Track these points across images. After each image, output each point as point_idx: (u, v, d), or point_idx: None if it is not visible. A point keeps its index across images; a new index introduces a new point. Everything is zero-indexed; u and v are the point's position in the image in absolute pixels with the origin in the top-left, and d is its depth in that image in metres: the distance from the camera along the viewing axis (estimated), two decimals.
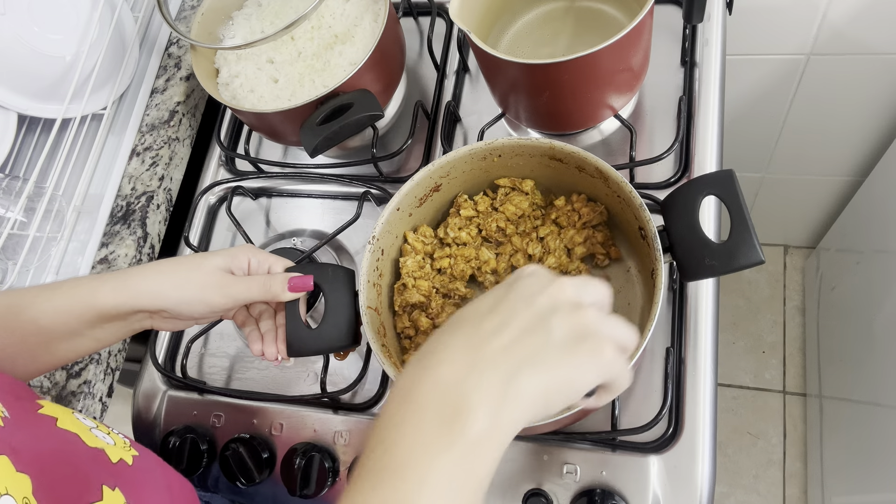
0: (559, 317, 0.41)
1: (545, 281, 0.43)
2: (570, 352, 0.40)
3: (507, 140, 0.63)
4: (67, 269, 0.77)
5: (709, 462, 0.63)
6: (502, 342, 0.40)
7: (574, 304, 0.42)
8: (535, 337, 0.40)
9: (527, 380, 0.39)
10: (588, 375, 0.41)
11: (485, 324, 0.41)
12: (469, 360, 0.39)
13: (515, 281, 0.44)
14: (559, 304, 0.42)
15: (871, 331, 1.16)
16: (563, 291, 0.42)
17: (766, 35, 1.05)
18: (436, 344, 0.42)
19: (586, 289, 0.44)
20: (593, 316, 0.42)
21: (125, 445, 0.51)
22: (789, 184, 1.43)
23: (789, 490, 1.50)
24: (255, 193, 0.85)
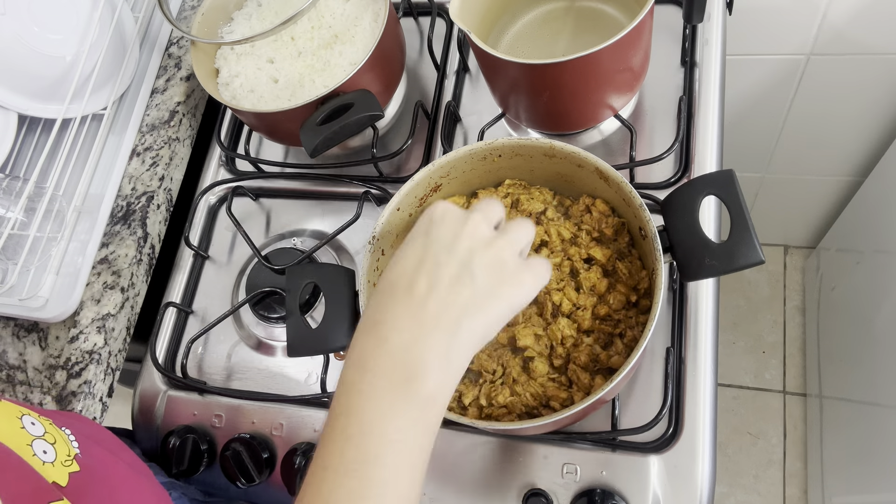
0: (478, 258, 0.46)
1: (458, 221, 0.47)
2: (496, 290, 0.46)
3: (508, 140, 0.63)
4: (68, 270, 0.77)
5: (709, 462, 0.63)
6: (437, 301, 0.44)
7: (488, 240, 0.47)
8: (462, 286, 0.45)
9: (467, 327, 0.44)
10: (516, 303, 0.47)
11: (416, 286, 0.45)
12: (413, 325, 0.44)
13: (431, 227, 0.48)
14: (476, 245, 0.46)
15: (871, 331, 1.16)
16: (477, 230, 0.47)
17: (766, 35, 1.05)
18: (379, 312, 0.45)
19: (492, 211, 0.49)
20: (504, 245, 0.47)
21: (68, 459, 0.50)
22: (789, 184, 1.43)
23: (789, 490, 1.50)
24: (256, 193, 0.85)
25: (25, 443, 0.47)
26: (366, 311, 0.47)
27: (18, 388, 0.75)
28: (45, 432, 0.50)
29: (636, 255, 0.63)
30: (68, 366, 0.74)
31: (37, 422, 0.50)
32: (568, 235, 0.66)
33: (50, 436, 0.50)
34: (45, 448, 0.48)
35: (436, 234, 0.47)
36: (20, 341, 0.77)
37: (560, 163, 0.64)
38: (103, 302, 0.77)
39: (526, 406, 0.59)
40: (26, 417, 0.50)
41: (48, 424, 0.51)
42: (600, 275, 0.63)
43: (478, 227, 0.47)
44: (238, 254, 0.83)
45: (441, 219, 0.48)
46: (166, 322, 0.80)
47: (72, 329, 0.76)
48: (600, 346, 0.62)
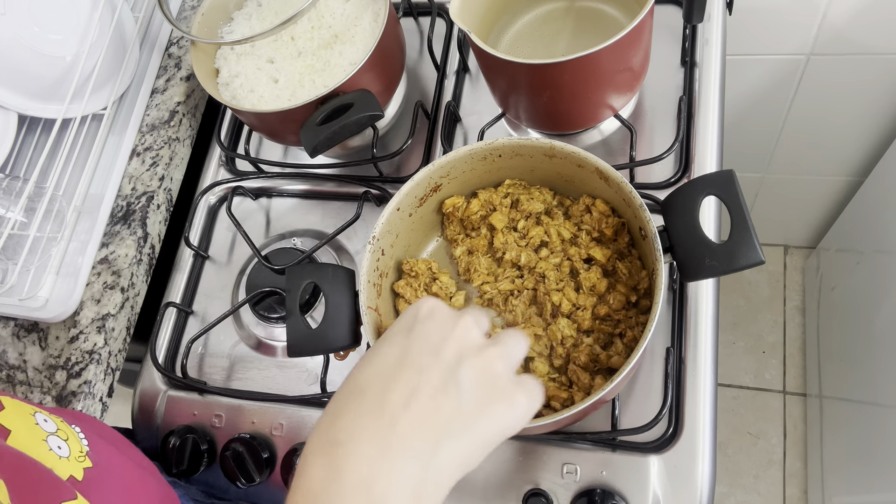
0: (467, 366, 0.39)
1: (447, 321, 0.42)
2: (486, 407, 0.39)
3: (508, 140, 0.63)
4: (68, 270, 0.77)
5: (709, 462, 0.63)
6: (412, 416, 0.37)
7: (480, 347, 0.41)
8: (446, 398, 0.38)
9: (447, 451, 0.37)
10: (507, 427, 0.40)
11: (390, 394, 0.38)
12: (379, 449, 0.36)
13: (415, 324, 0.42)
14: (466, 352, 0.40)
15: (871, 331, 1.16)
16: (468, 335, 0.41)
17: (766, 35, 1.05)
18: (338, 427, 0.37)
19: (482, 318, 0.43)
20: (497, 356, 0.41)
21: (81, 455, 0.49)
22: (789, 184, 1.43)
23: (789, 490, 1.50)
24: (256, 193, 0.85)
25: (41, 438, 0.47)
26: (322, 420, 0.39)
27: (18, 388, 0.75)
28: (57, 429, 0.50)
29: (636, 256, 0.63)
30: (68, 366, 0.74)
31: (49, 419, 0.50)
32: (568, 235, 0.66)
33: (62, 432, 0.50)
34: (59, 444, 0.48)
35: (420, 333, 0.41)
36: (20, 341, 0.77)
37: (560, 163, 0.64)
38: (103, 302, 0.77)
39: None
40: (39, 414, 0.50)
41: (59, 422, 0.51)
42: (600, 275, 0.63)
43: (469, 331, 0.41)
44: (238, 254, 0.83)
45: (427, 316, 0.42)
46: (166, 322, 0.80)
47: (72, 329, 0.76)
48: (600, 346, 0.62)
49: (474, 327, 0.42)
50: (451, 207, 0.68)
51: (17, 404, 0.49)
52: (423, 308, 0.43)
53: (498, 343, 0.42)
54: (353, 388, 0.39)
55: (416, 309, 0.43)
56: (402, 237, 0.67)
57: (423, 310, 0.43)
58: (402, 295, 0.66)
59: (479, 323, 0.43)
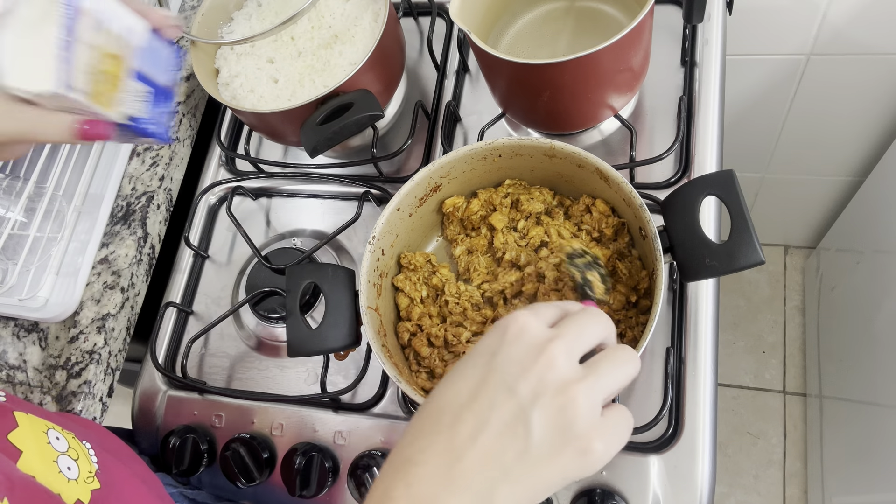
0: (542, 406, 0.37)
1: (533, 349, 0.39)
2: (553, 454, 0.37)
3: (508, 140, 0.63)
4: (67, 270, 0.77)
5: (709, 462, 0.63)
6: (477, 452, 0.37)
7: (562, 384, 0.38)
8: (514, 439, 0.37)
9: (502, 496, 0.37)
10: (572, 475, 0.38)
11: (461, 425, 0.38)
12: (443, 478, 0.37)
13: (501, 346, 0.40)
14: (544, 389, 0.38)
15: (871, 331, 1.16)
16: (551, 368, 0.38)
17: (766, 35, 1.05)
18: (414, 447, 0.39)
19: (585, 337, 0.40)
20: (582, 393, 0.38)
21: (90, 476, 0.50)
22: (789, 184, 1.43)
23: (789, 490, 1.50)
24: (255, 193, 0.85)
25: (52, 459, 0.48)
26: (404, 438, 0.40)
27: (18, 388, 0.75)
28: (68, 447, 0.50)
29: (636, 256, 0.64)
30: (68, 366, 0.74)
31: (61, 436, 0.50)
32: (568, 235, 0.66)
33: (73, 451, 0.50)
34: (69, 464, 0.48)
35: (502, 360, 0.39)
36: (20, 341, 0.77)
37: (560, 163, 0.64)
38: (103, 302, 0.77)
39: None
40: (52, 431, 0.50)
41: (71, 438, 0.51)
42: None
43: (554, 363, 0.38)
44: (238, 254, 0.83)
45: (515, 339, 0.40)
46: (166, 322, 0.80)
47: (72, 329, 0.76)
48: None
49: (562, 356, 0.38)
50: (451, 207, 0.68)
51: (32, 420, 0.49)
52: (513, 327, 0.40)
53: (589, 376, 0.39)
54: (432, 411, 0.40)
55: (506, 326, 0.40)
56: (402, 237, 0.67)
57: (511, 329, 0.40)
58: (401, 289, 0.66)
59: (577, 345, 0.40)
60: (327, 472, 0.68)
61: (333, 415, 0.72)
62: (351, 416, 0.71)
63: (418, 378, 0.64)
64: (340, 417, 0.71)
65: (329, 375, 0.72)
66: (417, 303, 0.66)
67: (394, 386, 0.72)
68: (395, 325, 0.66)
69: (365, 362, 0.71)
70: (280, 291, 0.77)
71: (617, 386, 0.39)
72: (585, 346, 0.40)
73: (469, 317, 0.65)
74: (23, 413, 0.49)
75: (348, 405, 0.72)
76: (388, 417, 0.71)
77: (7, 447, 0.46)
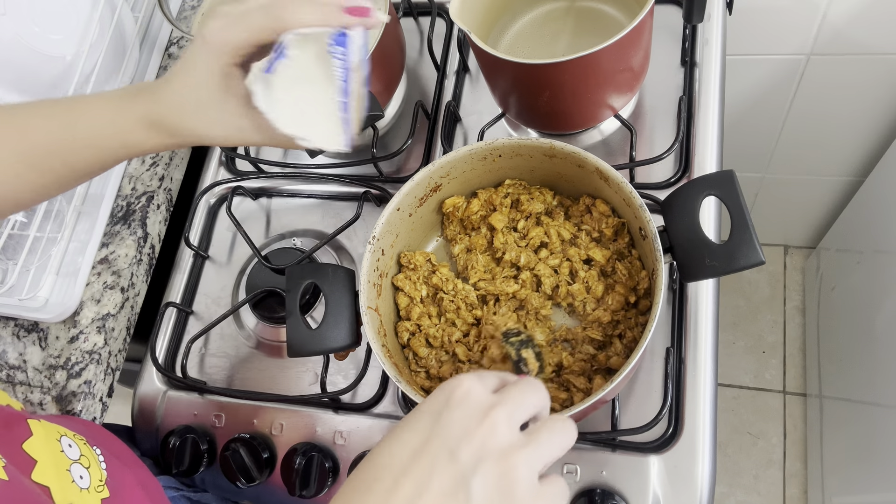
0: (483, 472, 0.37)
1: (477, 414, 0.39)
2: None
3: (508, 140, 0.63)
4: (67, 270, 0.77)
5: (709, 462, 0.63)
6: None
7: (503, 451, 0.38)
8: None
9: None
10: None
11: (399, 490, 0.37)
12: None
13: (444, 410, 0.40)
14: (486, 455, 0.38)
15: (871, 331, 1.16)
16: (494, 434, 0.38)
17: (766, 35, 1.05)
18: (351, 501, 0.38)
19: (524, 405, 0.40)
20: (523, 461, 0.38)
21: (100, 484, 0.50)
22: (789, 184, 1.43)
23: (789, 490, 1.50)
24: (255, 193, 0.85)
25: (65, 468, 0.48)
26: (338, 497, 0.40)
27: (18, 388, 0.75)
28: (80, 455, 0.50)
29: (636, 256, 0.64)
30: (68, 366, 0.74)
31: (73, 443, 0.51)
32: (568, 236, 0.66)
33: (85, 459, 0.50)
34: (81, 473, 0.49)
35: (445, 424, 0.39)
36: (20, 341, 0.77)
37: (560, 163, 0.64)
38: (103, 302, 0.77)
39: None
40: (64, 439, 0.50)
41: (82, 444, 0.52)
42: (596, 277, 0.64)
43: (496, 429, 0.38)
44: (238, 254, 0.83)
45: (459, 403, 0.40)
46: (166, 322, 0.80)
47: (72, 329, 0.76)
48: (594, 347, 0.62)
49: (504, 423, 0.39)
50: (451, 207, 0.68)
51: (45, 428, 0.50)
52: (458, 391, 0.40)
53: (530, 443, 0.39)
54: (369, 472, 0.39)
55: (451, 389, 0.41)
56: (402, 237, 0.67)
57: (457, 393, 0.40)
58: (401, 288, 0.66)
59: (519, 412, 0.40)
60: (327, 472, 0.68)
61: (333, 415, 0.72)
62: (351, 416, 0.71)
63: (418, 378, 0.64)
64: (340, 417, 0.71)
65: (329, 375, 0.72)
66: (417, 302, 0.66)
67: (394, 386, 0.72)
68: (394, 325, 0.66)
69: (365, 362, 0.71)
70: (280, 291, 0.77)
71: (556, 455, 0.40)
72: (526, 413, 0.41)
73: (461, 316, 0.65)
74: (36, 420, 0.50)
75: (348, 405, 0.72)
76: (388, 417, 0.71)
77: (22, 457, 0.46)
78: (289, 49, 0.45)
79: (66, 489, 0.46)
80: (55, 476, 0.46)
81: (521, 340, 0.57)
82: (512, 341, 0.56)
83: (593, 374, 0.60)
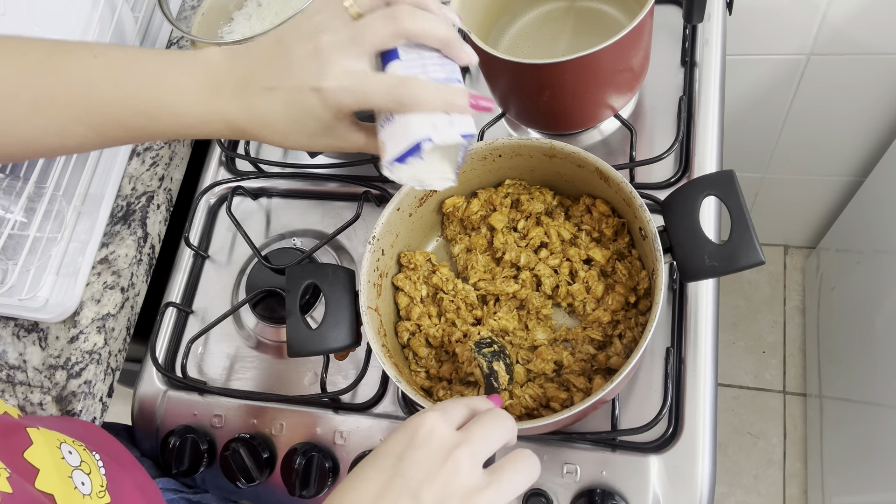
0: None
1: (440, 454, 0.39)
2: None
3: (507, 140, 0.63)
4: (67, 270, 0.77)
5: (709, 462, 0.63)
6: None
7: (466, 492, 0.39)
8: None
9: None
10: None
11: None
12: None
13: (407, 450, 0.40)
14: (448, 497, 0.38)
15: (871, 331, 1.16)
16: (456, 475, 0.39)
17: (766, 35, 1.05)
18: None
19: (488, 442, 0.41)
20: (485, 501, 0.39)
21: (101, 490, 0.50)
22: (789, 184, 1.43)
23: (789, 490, 1.50)
24: (255, 193, 0.85)
25: (66, 475, 0.48)
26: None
27: (18, 388, 0.75)
28: (81, 461, 0.50)
29: (636, 256, 0.64)
30: (68, 366, 0.74)
31: (73, 450, 0.50)
32: (568, 236, 0.66)
33: (86, 465, 0.50)
34: (83, 479, 0.49)
35: (408, 464, 0.39)
36: (20, 341, 0.77)
37: (560, 163, 0.64)
38: (103, 302, 0.77)
39: (525, 408, 0.59)
40: (64, 445, 0.50)
41: (82, 450, 0.52)
42: (596, 278, 0.64)
43: (459, 469, 0.39)
44: (238, 254, 0.83)
45: (423, 442, 0.40)
46: (166, 322, 0.80)
47: (72, 329, 0.76)
48: (594, 347, 0.62)
49: (467, 463, 0.39)
50: (451, 207, 0.68)
51: (45, 436, 0.50)
52: (421, 430, 0.41)
53: (492, 483, 0.40)
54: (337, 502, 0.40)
55: (415, 428, 0.41)
56: (402, 237, 0.67)
57: (420, 432, 0.41)
58: (401, 288, 0.66)
59: (483, 450, 0.41)
60: (327, 472, 0.68)
61: (333, 415, 0.72)
62: (351, 416, 0.71)
63: (418, 378, 0.64)
64: (340, 417, 0.71)
65: (329, 375, 0.72)
66: (417, 302, 0.66)
67: (394, 386, 0.72)
68: (394, 325, 0.66)
69: (365, 362, 0.71)
70: (280, 291, 0.77)
71: (518, 492, 0.41)
72: (490, 450, 0.41)
73: (461, 316, 0.65)
74: (34, 428, 0.49)
75: (348, 405, 0.72)
76: (388, 417, 0.71)
77: (25, 466, 0.46)
78: (424, 153, 0.46)
79: (69, 496, 0.46)
80: (58, 483, 0.46)
81: (493, 352, 0.56)
82: (484, 352, 0.56)
83: (593, 374, 0.60)
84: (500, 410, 0.44)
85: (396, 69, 0.46)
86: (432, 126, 0.45)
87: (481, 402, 0.46)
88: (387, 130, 0.47)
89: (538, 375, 0.61)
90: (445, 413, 0.42)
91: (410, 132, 0.45)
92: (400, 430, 0.42)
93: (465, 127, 0.47)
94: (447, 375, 0.63)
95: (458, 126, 0.46)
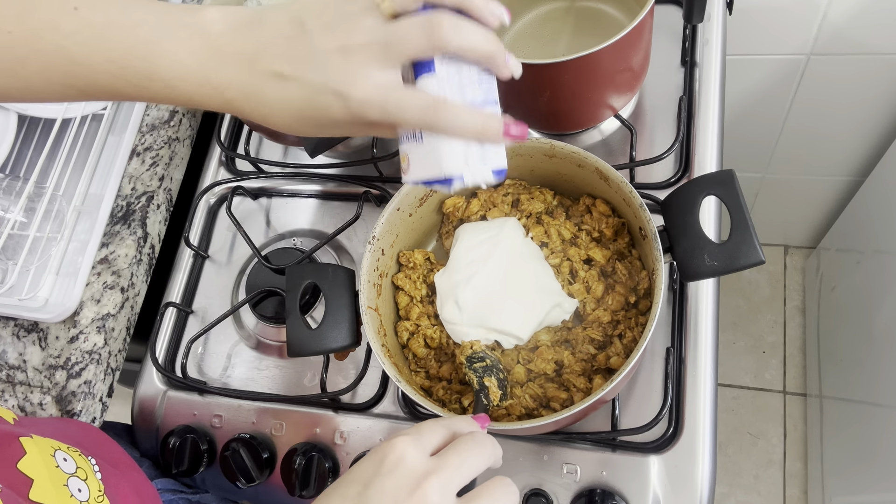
0: None
1: (408, 483, 0.37)
2: None
3: (507, 140, 0.63)
4: (67, 270, 0.77)
5: (709, 462, 0.63)
6: None
7: None
8: None
9: None
10: None
11: None
12: None
13: (374, 478, 0.38)
14: None
15: (871, 331, 1.16)
16: (425, 502, 0.37)
17: (766, 35, 1.05)
18: None
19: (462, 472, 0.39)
20: None
21: (99, 495, 0.50)
22: (789, 184, 1.43)
23: (789, 490, 1.50)
24: (255, 193, 0.85)
25: (62, 483, 0.47)
26: None
27: (18, 388, 0.75)
28: (77, 468, 0.50)
29: (636, 256, 0.64)
30: (68, 366, 0.74)
31: (68, 456, 0.50)
32: (568, 236, 0.66)
33: (82, 471, 0.50)
34: (79, 486, 0.48)
35: (374, 493, 0.38)
36: (20, 341, 0.77)
37: (560, 163, 0.64)
38: (103, 302, 0.77)
39: (526, 408, 0.59)
40: (59, 453, 0.50)
41: (77, 456, 0.51)
42: (596, 278, 0.64)
43: (427, 500, 0.37)
44: (238, 254, 0.83)
45: (391, 470, 0.38)
46: (166, 322, 0.80)
47: (72, 329, 0.76)
48: (595, 347, 0.62)
49: (436, 495, 0.37)
50: (451, 207, 0.68)
51: (39, 445, 0.49)
52: (391, 457, 0.39)
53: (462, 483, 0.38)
54: None
55: (383, 455, 0.39)
56: (402, 237, 0.67)
57: (389, 459, 0.39)
58: (401, 287, 0.66)
59: (455, 480, 0.39)
60: (327, 472, 0.68)
61: (333, 415, 0.72)
62: (351, 416, 0.71)
63: (418, 378, 0.64)
64: (340, 417, 0.71)
65: (329, 375, 0.72)
66: (417, 302, 0.66)
67: (394, 386, 0.72)
68: (394, 325, 0.66)
69: (365, 362, 0.71)
70: (280, 291, 0.77)
71: None
72: (464, 479, 0.39)
73: None
74: (28, 438, 0.49)
75: (348, 405, 0.72)
76: (388, 417, 0.71)
77: (18, 477, 0.45)
78: (453, 188, 0.43)
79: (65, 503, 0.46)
80: (53, 493, 0.46)
81: (485, 366, 0.55)
82: (476, 367, 0.55)
83: (593, 374, 0.60)
84: (481, 434, 0.42)
85: (430, 84, 0.42)
86: (465, 162, 0.42)
87: (463, 423, 0.44)
88: (412, 147, 0.44)
89: (538, 375, 0.61)
90: (419, 438, 0.40)
91: (442, 164, 0.42)
92: (369, 456, 0.40)
93: (496, 161, 0.44)
94: (447, 375, 0.63)
95: (490, 160, 0.44)
